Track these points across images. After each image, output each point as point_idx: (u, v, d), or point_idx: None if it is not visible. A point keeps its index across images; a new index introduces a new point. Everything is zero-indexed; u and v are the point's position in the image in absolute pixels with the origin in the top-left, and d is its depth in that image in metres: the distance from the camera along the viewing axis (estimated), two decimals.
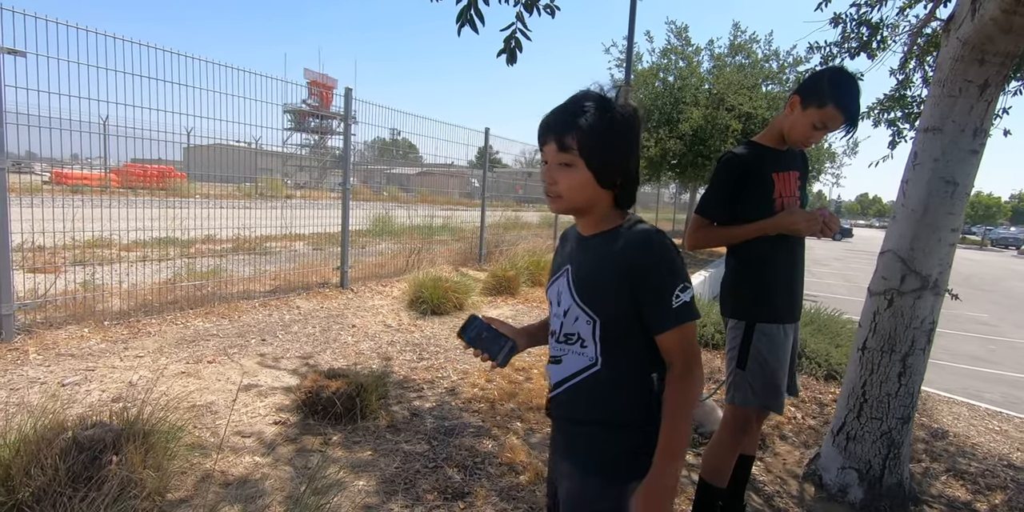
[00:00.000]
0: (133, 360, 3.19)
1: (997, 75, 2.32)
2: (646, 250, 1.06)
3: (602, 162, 1.06)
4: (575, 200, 1.10)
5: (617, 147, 1.07)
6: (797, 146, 1.99)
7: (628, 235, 1.09)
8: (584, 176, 1.07)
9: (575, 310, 1.13)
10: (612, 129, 1.05)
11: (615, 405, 1.11)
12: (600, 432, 1.13)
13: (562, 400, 1.17)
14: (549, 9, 1.91)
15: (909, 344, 2.53)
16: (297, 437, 2.55)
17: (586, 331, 1.12)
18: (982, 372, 5.89)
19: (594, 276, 1.11)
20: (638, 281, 1.06)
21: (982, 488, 2.83)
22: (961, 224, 2.53)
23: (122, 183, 6.60)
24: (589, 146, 1.05)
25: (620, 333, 1.10)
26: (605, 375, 1.11)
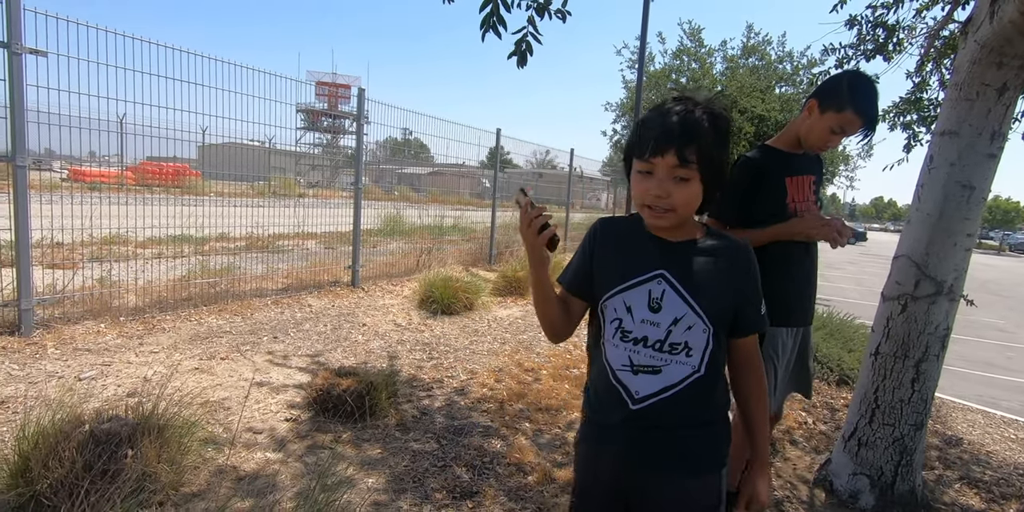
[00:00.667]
0: (148, 356, 3.24)
1: (1016, 78, 2.29)
2: (753, 263, 1.16)
3: (715, 173, 1.06)
4: (685, 214, 1.10)
5: (726, 156, 1.08)
6: (814, 150, 1.98)
7: (735, 243, 1.16)
8: (699, 189, 1.07)
9: (691, 318, 1.10)
10: (724, 142, 1.07)
11: (714, 406, 1.17)
12: (704, 433, 1.16)
13: (659, 409, 1.13)
14: (560, 14, 1.92)
15: (923, 350, 2.50)
16: (308, 434, 2.58)
17: (698, 340, 1.11)
18: (999, 379, 5.80)
19: (714, 286, 1.11)
20: (747, 287, 1.15)
21: (996, 497, 2.79)
22: (978, 229, 2.50)
23: (138, 180, 6.71)
24: (707, 160, 1.04)
25: (723, 339, 1.15)
26: (706, 380, 1.13)
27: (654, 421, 1.14)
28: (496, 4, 1.72)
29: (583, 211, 16.16)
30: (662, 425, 1.14)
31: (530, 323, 5.14)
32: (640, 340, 1.13)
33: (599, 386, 1.19)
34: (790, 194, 1.92)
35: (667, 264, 1.13)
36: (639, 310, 1.13)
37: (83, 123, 3.86)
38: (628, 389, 1.14)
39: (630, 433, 1.16)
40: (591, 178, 18.67)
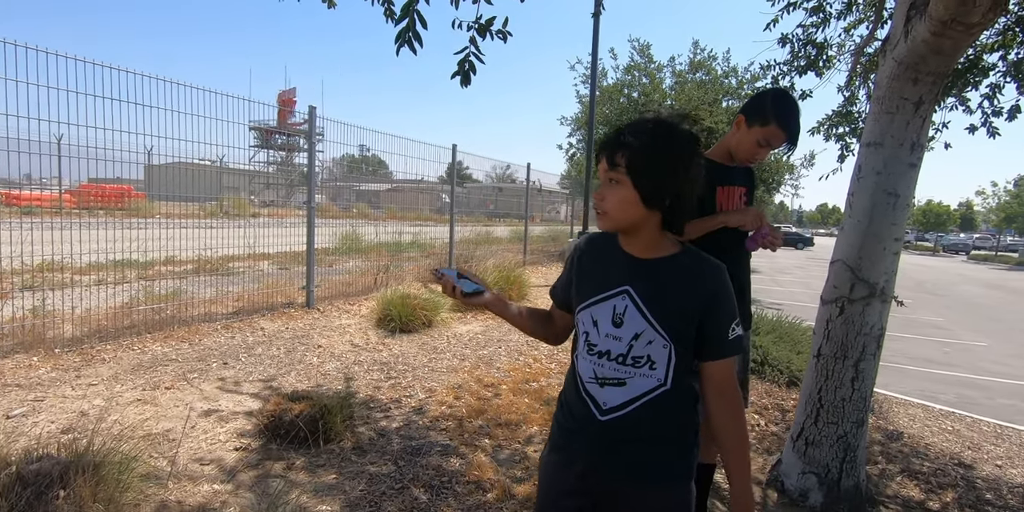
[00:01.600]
0: (86, 388, 3.08)
1: (930, 93, 2.46)
2: (721, 284, 1.13)
3: (649, 182, 1.08)
4: (620, 218, 1.13)
5: (665, 167, 1.08)
6: (744, 163, 2.07)
7: (705, 264, 1.14)
8: (629, 194, 1.09)
9: (650, 334, 1.13)
10: (661, 149, 1.08)
11: (682, 420, 1.17)
12: (671, 446, 1.17)
13: (626, 421, 1.15)
14: (501, 34, 1.96)
15: (860, 350, 2.62)
16: (259, 463, 2.49)
17: (660, 354, 1.13)
18: (937, 374, 6.10)
19: (674, 303, 1.12)
20: (713, 310, 1.11)
21: (934, 487, 2.92)
22: (903, 234, 2.66)
23: (78, 204, 6.41)
24: (636, 164, 1.07)
25: (688, 356, 1.14)
26: (673, 394, 1.14)
27: (621, 433, 1.16)
28: (413, 20, 1.75)
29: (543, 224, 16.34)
30: (629, 437, 1.15)
31: (490, 338, 5.13)
32: (604, 354, 1.16)
33: (570, 396, 1.23)
34: (719, 202, 2.00)
35: (633, 280, 1.15)
36: (604, 324, 1.16)
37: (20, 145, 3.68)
38: (596, 400, 1.17)
39: (598, 444, 1.18)
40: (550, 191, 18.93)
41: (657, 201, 1.10)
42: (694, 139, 1.12)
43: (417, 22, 1.75)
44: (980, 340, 8.24)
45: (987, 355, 7.23)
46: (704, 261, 1.15)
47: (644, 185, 1.08)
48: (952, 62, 2.39)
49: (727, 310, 1.12)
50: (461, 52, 1.91)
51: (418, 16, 1.75)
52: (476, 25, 1.93)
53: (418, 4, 1.75)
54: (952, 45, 2.28)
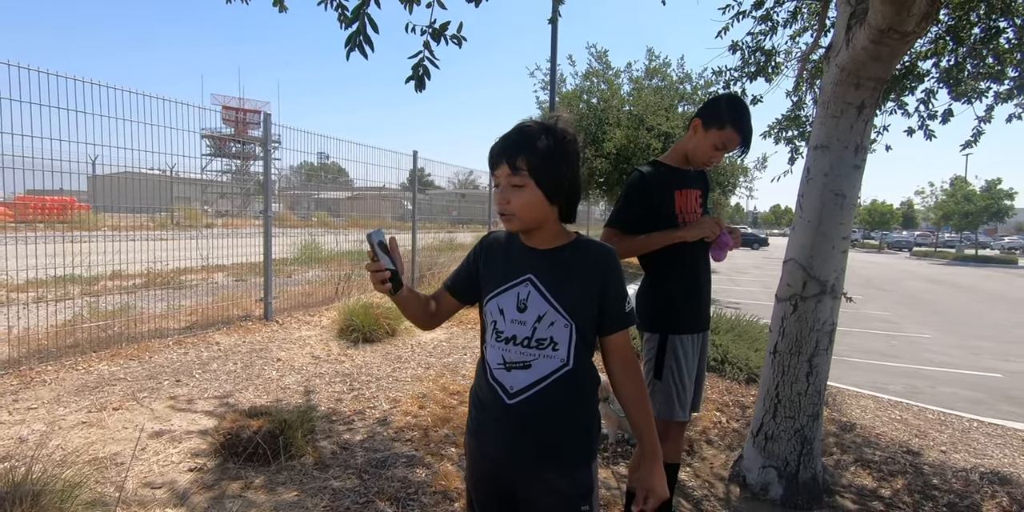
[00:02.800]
0: (24, 413, 2.90)
1: (871, 97, 2.58)
2: (615, 262, 1.25)
3: (551, 181, 1.18)
4: (527, 219, 1.21)
5: (563, 167, 1.19)
6: (700, 166, 2.12)
7: (596, 248, 1.26)
8: (535, 195, 1.18)
9: (552, 315, 1.21)
10: (557, 151, 1.18)
11: (587, 398, 1.26)
12: (575, 426, 1.24)
13: (532, 402, 1.22)
14: (456, 39, 1.96)
15: (814, 345, 2.71)
16: (215, 483, 2.39)
17: (562, 335, 1.21)
18: (885, 366, 6.37)
19: (575, 284, 1.22)
20: (608, 288, 1.22)
21: (886, 475, 3.04)
22: (850, 232, 2.77)
23: (15, 217, 6.06)
24: (538, 167, 1.16)
25: (589, 334, 1.24)
26: (576, 373, 1.22)
27: (528, 415, 1.23)
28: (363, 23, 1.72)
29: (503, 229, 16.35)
30: (535, 419, 1.23)
31: (455, 345, 5.09)
32: (511, 339, 1.24)
33: (481, 385, 1.30)
34: (678, 206, 2.04)
35: (534, 269, 1.25)
36: (509, 311, 1.25)
37: None
38: (503, 385, 1.24)
39: (507, 427, 1.25)
40: None
41: (558, 197, 1.21)
42: (575, 137, 1.23)
43: (368, 26, 1.73)
44: (924, 332, 8.65)
45: (931, 346, 7.60)
46: (596, 246, 1.27)
47: (547, 185, 1.18)
48: (891, 68, 2.51)
49: (620, 287, 1.24)
50: (415, 56, 1.89)
51: (369, 20, 1.73)
52: (430, 30, 1.91)
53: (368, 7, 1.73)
54: (890, 52, 2.40)
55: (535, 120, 1.23)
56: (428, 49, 1.91)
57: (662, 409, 2.02)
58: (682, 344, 2.02)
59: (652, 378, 2.04)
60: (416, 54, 1.89)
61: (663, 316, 2.05)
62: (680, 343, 2.02)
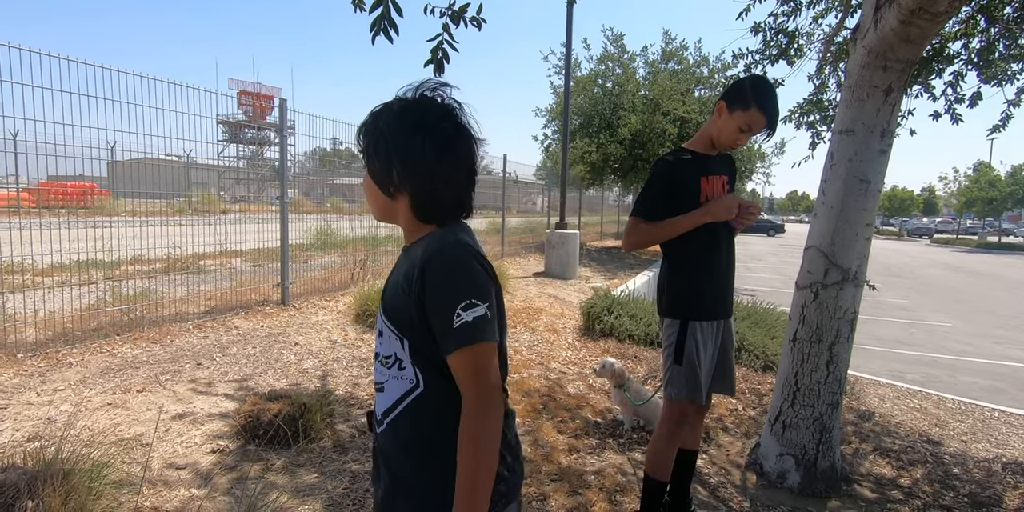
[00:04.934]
0: (52, 394, 2.97)
1: (899, 80, 2.50)
2: (429, 265, 0.95)
3: (377, 171, 1.01)
4: (373, 208, 1.07)
5: (385, 152, 0.98)
6: (725, 149, 2.08)
7: (423, 246, 0.99)
8: (369, 183, 1.04)
9: (387, 330, 1.03)
10: (381, 131, 0.99)
11: (447, 429, 0.96)
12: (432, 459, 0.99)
13: (389, 433, 1.04)
14: (476, 21, 1.92)
15: (835, 333, 2.68)
16: (236, 465, 2.43)
17: (400, 351, 1.01)
18: (904, 354, 6.31)
19: (395, 292, 1.01)
20: (425, 298, 0.95)
21: (905, 464, 3.02)
22: (874, 219, 2.71)
23: (38, 203, 6.16)
24: (367, 153, 1.00)
25: (432, 354, 0.98)
26: (430, 398, 1.00)
27: (387, 445, 1.04)
28: (387, 7, 1.70)
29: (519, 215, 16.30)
30: (391, 454, 1.03)
31: None
32: (377, 355, 1.08)
33: None
34: (704, 193, 2.01)
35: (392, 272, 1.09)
36: (379, 321, 1.08)
37: None
38: (376, 413, 1.08)
39: (375, 462, 1.10)
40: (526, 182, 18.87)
41: (386, 189, 1.01)
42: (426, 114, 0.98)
43: (392, 9, 1.70)
44: (944, 321, 8.53)
45: (951, 335, 7.49)
46: (424, 244, 1.00)
47: (375, 175, 1.01)
48: (920, 50, 2.43)
49: (443, 294, 0.93)
50: (434, 39, 1.87)
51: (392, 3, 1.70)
52: (450, 12, 1.88)
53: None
54: (919, 33, 2.32)
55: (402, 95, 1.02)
56: (447, 32, 1.89)
57: (681, 391, 2.02)
58: (702, 330, 2.00)
59: (672, 363, 2.03)
60: (435, 37, 1.87)
61: (683, 302, 2.04)
62: (701, 329, 2.00)
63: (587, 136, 13.28)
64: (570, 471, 2.66)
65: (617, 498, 2.45)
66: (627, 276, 9.72)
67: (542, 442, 2.95)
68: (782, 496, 2.64)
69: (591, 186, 16.43)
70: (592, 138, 13.11)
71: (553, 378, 4.04)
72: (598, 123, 13.28)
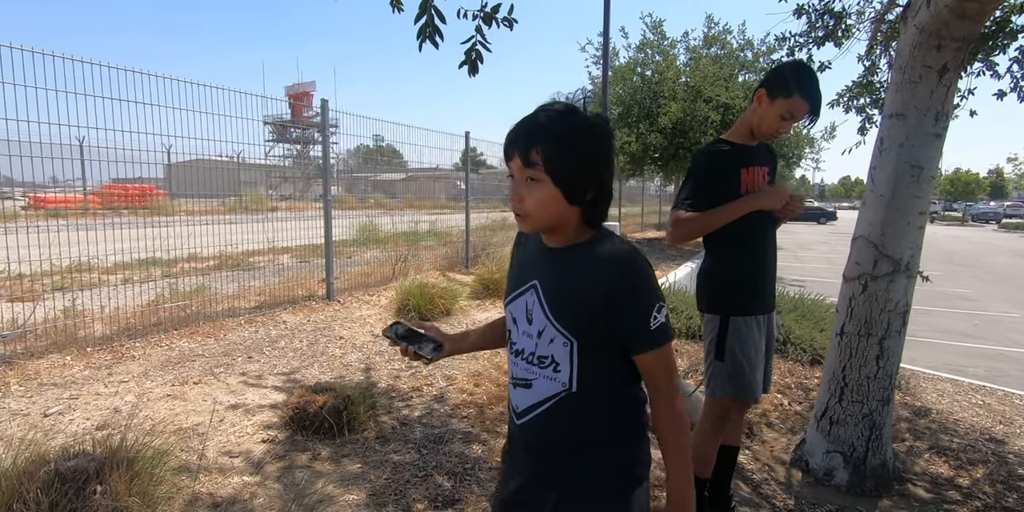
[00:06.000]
0: (117, 385, 3.17)
1: (954, 60, 2.36)
2: (626, 269, 1.01)
3: (569, 177, 0.99)
4: (543, 219, 1.03)
5: (584, 160, 1.00)
6: (766, 138, 2.02)
7: (604, 252, 1.03)
8: (551, 192, 1.00)
9: (551, 331, 1.05)
10: (577, 141, 0.99)
11: (599, 425, 1.06)
12: (577, 456, 1.07)
13: (537, 426, 1.10)
14: (507, 22, 1.92)
15: (885, 327, 2.57)
16: (285, 454, 2.55)
17: (562, 354, 1.04)
18: (966, 347, 5.98)
19: (572, 295, 1.03)
20: (618, 301, 0.99)
21: (964, 463, 2.88)
22: (928, 207, 2.58)
23: (103, 204, 6.55)
24: (554, 160, 0.98)
25: (597, 354, 1.04)
26: (580, 399, 1.06)
27: (540, 437, 1.10)
28: (431, 15, 1.72)
29: None
30: (545, 442, 1.10)
31: None
32: (520, 352, 1.11)
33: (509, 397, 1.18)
34: (744, 184, 1.96)
35: (540, 273, 1.09)
36: (521, 321, 1.11)
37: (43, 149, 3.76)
38: (513, 403, 1.14)
39: (515, 449, 1.15)
40: None
41: (579, 196, 1.02)
42: (604, 124, 1.04)
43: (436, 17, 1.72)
44: (1011, 311, 8.04)
45: (1018, 326, 7.06)
46: (609, 245, 1.04)
47: (565, 182, 0.99)
48: (978, 26, 2.29)
49: (641, 296, 1.00)
50: (468, 41, 1.88)
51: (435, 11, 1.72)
52: (482, 14, 1.89)
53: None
54: (978, 8, 2.18)
55: (557, 102, 1.03)
56: (480, 33, 1.90)
57: (723, 388, 1.99)
58: (745, 325, 1.96)
59: (713, 359, 2.00)
60: (468, 39, 1.88)
61: (724, 297, 2.00)
62: (744, 324, 1.96)
63: (626, 126, 13.07)
64: None
65: (655, 493, 2.43)
66: (668, 268, 9.56)
67: None
68: (829, 494, 2.57)
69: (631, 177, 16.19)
70: (631, 128, 12.90)
71: None
72: (637, 112, 13.04)
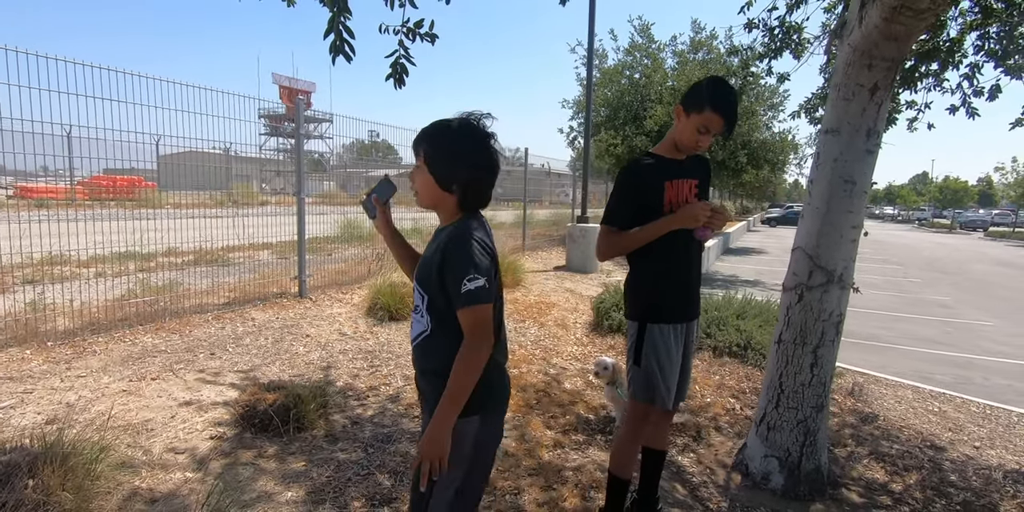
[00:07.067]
0: (74, 380, 3.20)
1: (885, 79, 2.44)
2: (452, 245, 1.36)
3: (439, 168, 1.40)
4: (424, 197, 1.46)
5: (449, 158, 1.40)
6: (689, 151, 2.06)
7: (449, 232, 1.40)
8: (428, 178, 1.42)
9: (417, 287, 1.45)
10: (447, 144, 1.41)
11: (445, 360, 1.36)
12: (437, 380, 1.38)
13: (416, 353, 1.50)
14: (429, 36, 1.98)
15: (819, 336, 2.65)
16: (232, 451, 2.59)
17: (422, 303, 1.43)
18: (936, 354, 6.07)
19: (426, 260, 1.43)
20: (443, 269, 1.36)
21: (900, 469, 2.96)
22: (862, 221, 2.65)
23: (90, 195, 6.54)
24: (431, 155, 1.41)
25: (444, 307, 1.38)
26: (436, 338, 1.42)
27: (415, 362, 1.52)
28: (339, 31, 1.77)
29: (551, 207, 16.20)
30: (416, 367, 1.52)
31: None
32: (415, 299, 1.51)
33: None
34: (668, 198, 2.01)
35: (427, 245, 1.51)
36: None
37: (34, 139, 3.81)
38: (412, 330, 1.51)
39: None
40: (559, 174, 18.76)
41: (448, 186, 1.40)
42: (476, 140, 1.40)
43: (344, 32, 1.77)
44: (986, 319, 8.15)
45: (990, 335, 7.16)
46: (449, 228, 1.41)
47: (436, 172, 1.40)
48: (906, 48, 2.36)
49: (457, 267, 1.33)
50: (391, 55, 1.93)
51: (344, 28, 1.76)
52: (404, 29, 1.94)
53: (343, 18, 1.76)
54: (904, 31, 2.25)
55: (452, 117, 1.43)
56: (403, 47, 1.95)
57: (640, 393, 2.05)
58: (662, 333, 2.02)
59: (632, 364, 2.07)
60: (392, 53, 1.93)
61: (642, 305, 2.06)
62: (660, 332, 2.02)
63: (612, 128, 13.13)
64: (549, 466, 2.72)
65: (591, 495, 2.50)
66: None
67: (528, 437, 3.02)
68: (764, 498, 2.64)
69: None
70: (618, 130, 12.96)
71: (552, 374, 4.09)
72: (624, 115, 13.11)
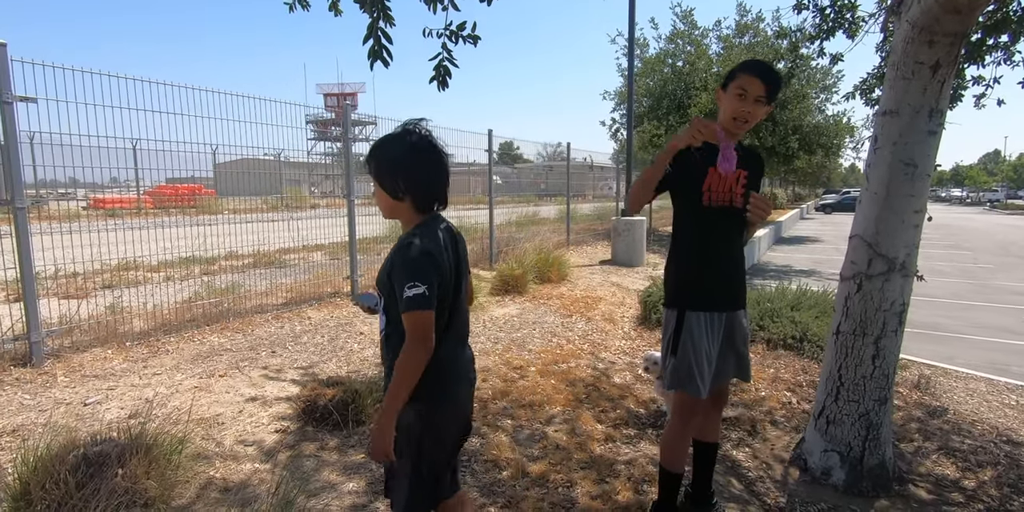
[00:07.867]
0: (151, 377, 3.43)
1: (948, 55, 2.31)
2: (396, 254, 1.46)
3: (384, 181, 1.50)
4: (382, 210, 1.57)
5: (389, 169, 1.49)
6: (735, 128, 1.97)
7: (398, 241, 1.49)
8: (379, 191, 1.52)
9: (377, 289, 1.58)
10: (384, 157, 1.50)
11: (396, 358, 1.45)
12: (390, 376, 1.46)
13: (382, 348, 1.59)
14: (471, 38, 2.01)
15: (880, 327, 2.55)
16: (296, 444, 2.73)
17: (379, 303, 1.58)
18: (1013, 344, 5.71)
19: (384, 265, 1.52)
20: (390, 275, 1.46)
21: (972, 465, 2.81)
22: (925, 205, 2.53)
23: (156, 204, 6.99)
24: (374, 169, 1.51)
25: (395, 309, 1.47)
26: (391, 338, 1.51)
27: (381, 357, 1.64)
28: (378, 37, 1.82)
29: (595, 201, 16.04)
30: (382, 361, 1.62)
31: (525, 320, 5.25)
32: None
33: None
34: (707, 182, 1.97)
35: None
36: None
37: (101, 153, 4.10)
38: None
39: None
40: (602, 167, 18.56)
41: (396, 195, 1.50)
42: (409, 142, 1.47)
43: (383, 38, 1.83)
44: None
45: None
46: (405, 237, 1.48)
47: (383, 185, 1.50)
48: (970, 21, 2.24)
49: (399, 275, 1.42)
50: (435, 58, 1.98)
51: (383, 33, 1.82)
52: (447, 32, 1.98)
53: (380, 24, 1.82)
54: (968, 3, 2.13)
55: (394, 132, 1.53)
56: (446, 50, 1.99)
57: (677, 382, 2.03)
58: (698, 322, 1.99)
59: (668, 353, 2.04)
60: (435, 56, 1.98)
61: (680, 293, 2.04)
62: (696, 320, 1.99)
63: (656, 119, 12.89)
64: (602, 460, 2.73)
65: (643, 488, 2.50)
66: None
67: (579, 430, 3.03)
68: (825, 493, 2.57)
69: None
70: (661, 120, 12.72)
71: (601, 368, 4.09)
72: (667, 105, 12.84)
